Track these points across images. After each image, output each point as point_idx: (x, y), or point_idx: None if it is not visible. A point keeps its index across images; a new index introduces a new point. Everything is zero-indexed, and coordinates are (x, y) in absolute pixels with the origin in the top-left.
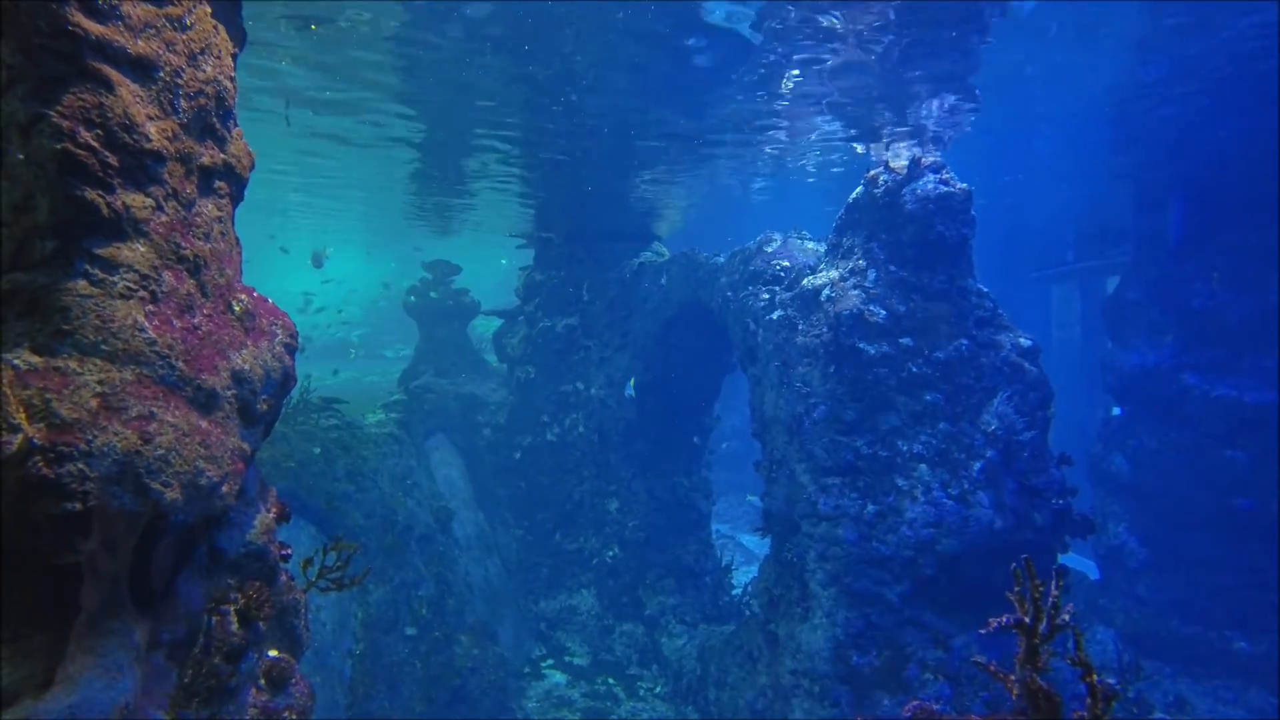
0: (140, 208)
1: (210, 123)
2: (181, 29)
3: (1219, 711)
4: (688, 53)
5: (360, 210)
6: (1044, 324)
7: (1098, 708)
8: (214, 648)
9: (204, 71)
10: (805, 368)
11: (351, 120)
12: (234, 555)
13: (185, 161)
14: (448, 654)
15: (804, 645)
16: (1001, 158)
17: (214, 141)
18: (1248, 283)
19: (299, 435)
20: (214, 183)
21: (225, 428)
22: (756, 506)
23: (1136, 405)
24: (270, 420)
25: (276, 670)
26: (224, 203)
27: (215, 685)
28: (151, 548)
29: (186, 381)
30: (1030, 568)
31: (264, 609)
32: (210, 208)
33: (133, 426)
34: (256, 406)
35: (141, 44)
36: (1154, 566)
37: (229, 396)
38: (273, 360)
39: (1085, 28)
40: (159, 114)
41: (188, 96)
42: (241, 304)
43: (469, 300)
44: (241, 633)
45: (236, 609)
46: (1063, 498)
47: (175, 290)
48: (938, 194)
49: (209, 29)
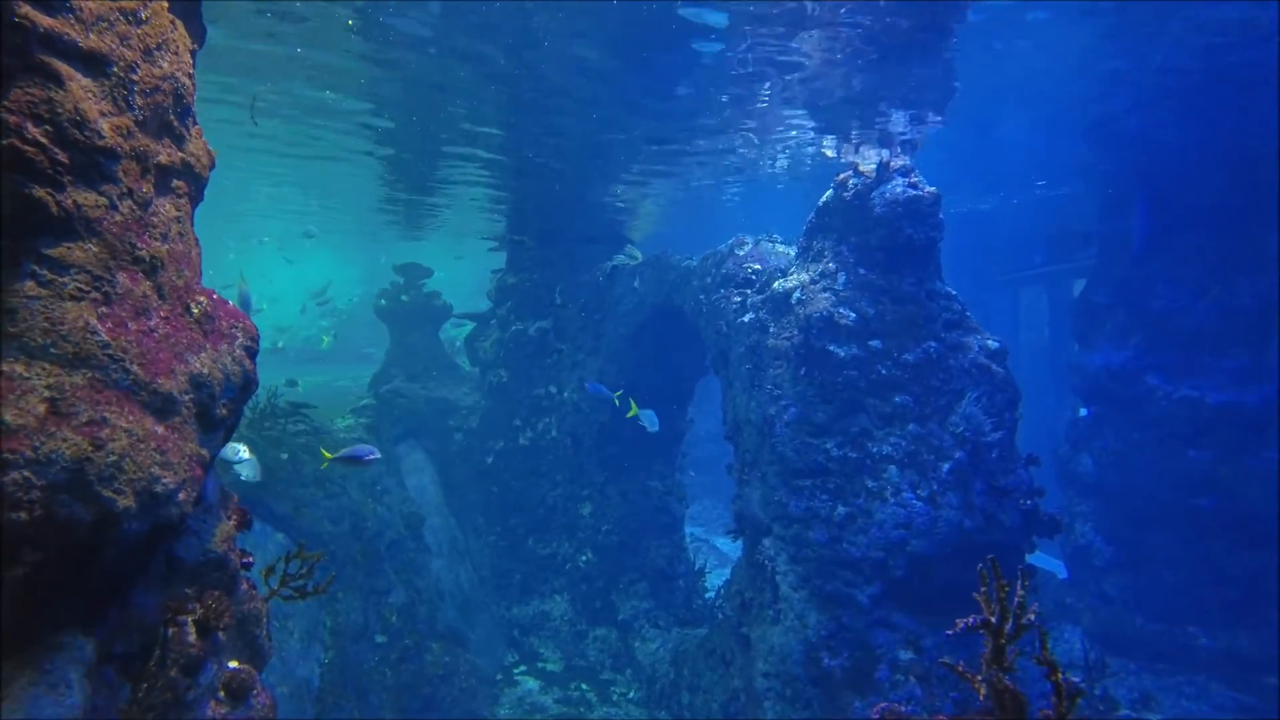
0: (92, 206)
1: (168, 120)
2: (137, 23)
3: (1182, 706)
4: (661, 54)
5: (329, 212)
6: (1012, 326)
7: (1062, 705)
8: (170, 660)
9: (160, 67)
10: (776, 370)
11: (320, 121)
12: (192, 564)
13: (141, 160)
14: (418, 662)
15: (776, 648)
16: (969, 162)
17: (171, 139)
18: (1208, 285)
19: (266, 441)
20: (172, 182)
21: (183, 433)
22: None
23: (1103, 406)
24: (231, 425)
25: (237, 682)
26: (182, 202)
27: (171, 699)
28: (103, 557)
29: (141, 386)
30: (996, 568)
31: (224, 619)
32: (168, 207)
33: (83, 432)
34: (216, 411)
35: (94, 38)
36: (1119, 565)
37: (187, 401)
38: (233, 364)
39: (1048, 40)
40: (113, 110)
41: (143, 93)
42: (200, 306)
43: (440, 303)
44: (200, 644)
45: (195, 619)
46: (1030, 498)
47: (130, 292)
48: (906, 197)
49: (166, 24)
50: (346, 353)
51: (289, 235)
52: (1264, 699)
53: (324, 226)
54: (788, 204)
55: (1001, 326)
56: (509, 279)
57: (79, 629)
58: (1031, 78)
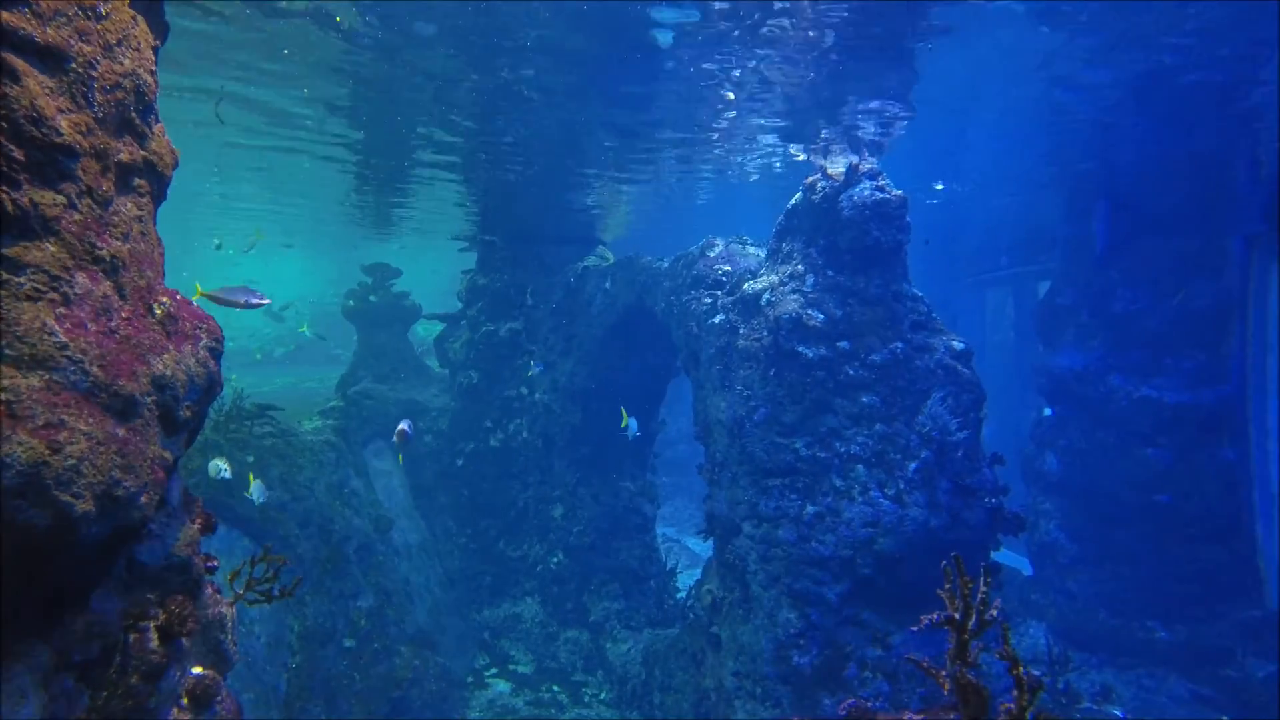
0: (50, 205)
1: (129, 117)
2: (96, 18)
3: (1141, 698)
4: (630, 54)
5: (296, 212)
6: (979, 328)
7: (1024, 698)
8: (131, 667)
9: (121, 64)
10: (746, 371)
11: (286, 119)
12: (155, 569)
13: (101, 158)
14: (388, 665)
15: (746, 646)
16: (937, 165)
17: (133, 137)
18: (1167, 288)
19: (232, 443)
20: (133, 180)
21: (145, 436)
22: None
23: (1067, 406)
24: (195, 427)
25: (200, 688)
26: (144, 201)
27: (132, 706)
28: (61, 563)
29: (102, 388)
30: (959, 565)
31: (187, 624)
32: (129, 206)
33: (40, 436)
34: (179, 413)
35: (51, 32)
36: (1082, 562)
37: (149, 403)
38: (197, 365)
39: (1013, 48)
40: (71, 107)
41: (104, 89)
42: (163, 307)
43: (410, 304)
44: (162, 650)
45: (157, 625)
46: (995, 496)
47: (90, 292)
48: (873, 200)
49: (127, 19)
50: (316, 354)
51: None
52: (1220, 689)
53: (290, 228)
54: (758, 205)
55: (969, 328)
56: (479, 279)
57: (35, 636)
58: (996, 85)
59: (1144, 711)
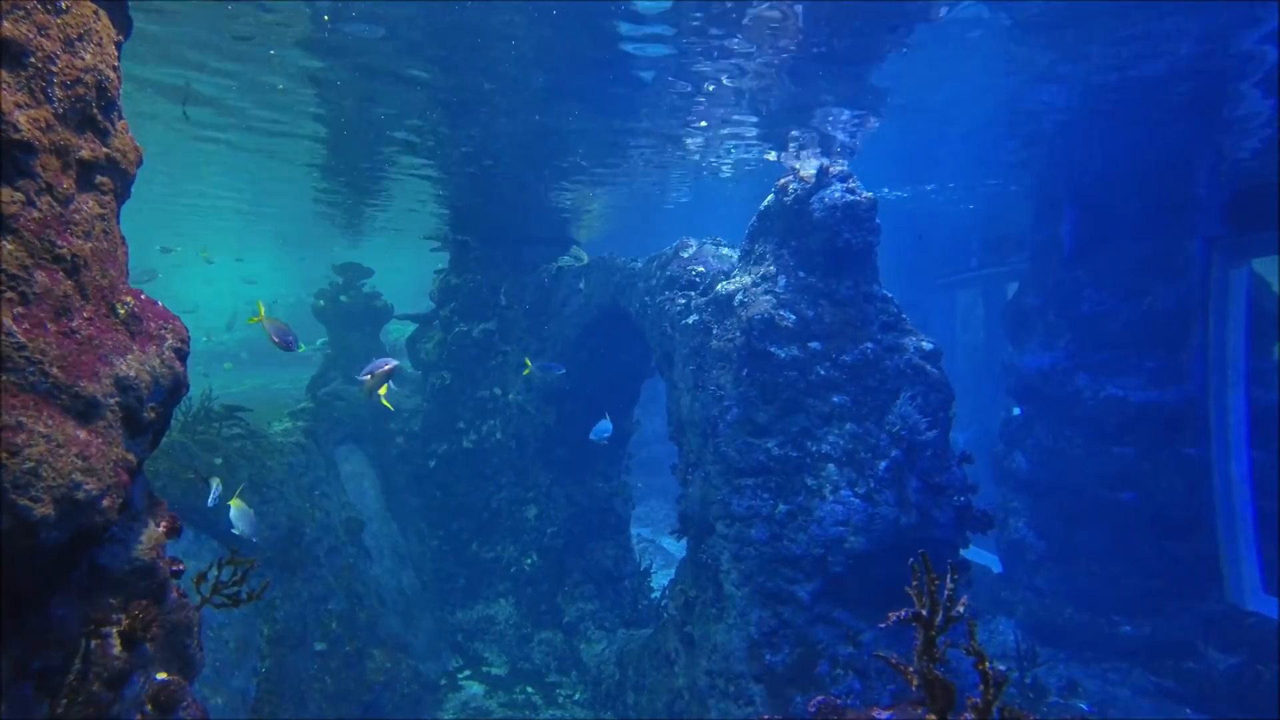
0: (7, 203)
1: (90, 114)
2: (56, 12)
3: (1107, 692)
4: (602, 53)
5: (266, 212)
6: (950, 328)
7: (990, 693)
8: (93, 673)
9: (82, 59)
10: (719, 371)
11: (254, 116)
12: (118, 573)
13: (61, 154)
14: (359, 668)
15: (719, 645)
16: (908, 168)
17: (95, 134)
18: (1132, 289)
19: (199, 445)
20: (95, 178)
21: (107, 438)
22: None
23: (1035, 405)
24: (160, 429)
25: (165, 694)
26: (107, 199)
27: (93, 713)
28: (19, 568)
29: (62, 389)
30: (926, 562)
31: (151, 629)
32: (91, 204)
33: None
34: (143, 415)
35: (9, 26)
36: (1051, 559)
37: (112, 405)
38: (162, 366)
39: (983, 52)
40: (30, 102)
41: (64, 85)
42: (127, 307)
43: (381, 304)
44: (125, 655)
45: (120, 630)
46: (964, 495)
47: (49, 292)
48: (844, 202)
49: (88, 13)
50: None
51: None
52: (1182, 682)
53: (261, 228)
54: (732, 206)
55: (940, 329)
56: (452, 279)
57: None
58: (966, 89)
59: (1108, 705)
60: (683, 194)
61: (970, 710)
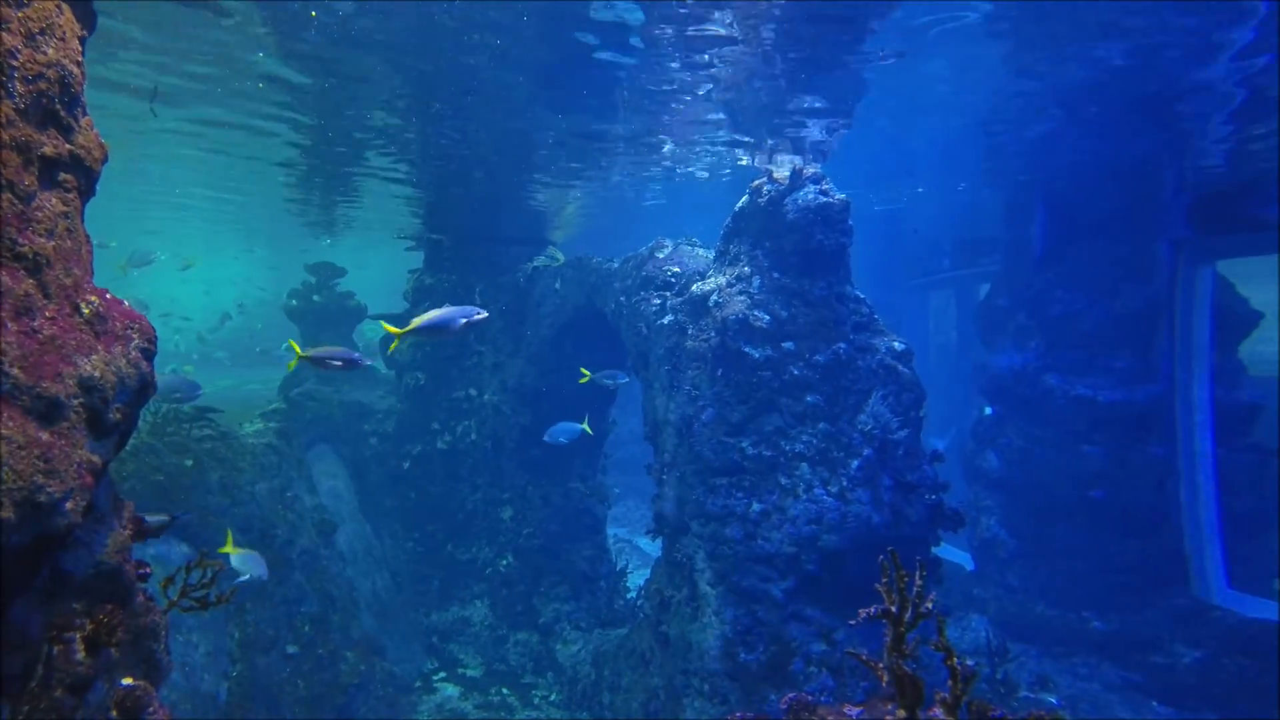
0: None
1: (53, 110)
2: (17, 5)
3: (1076, 686)
4: (577, 52)
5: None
6: (923, 329)
7: (958, 687)
8: (55, 680)
9: (44, 54)
10: (694, 371)
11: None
12: (82, 577)
13: (22, 150)
14: (333, 671)
15: (694, 644)
16: (881, 169)
17: (58, 130)
18: (1101, 291)
19: (169, 447)
20: (58, 175)
21: (71, 439)
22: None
23: (1006, 405)
24: (125, 431)
25: (131, 700)
26: (71, 197)
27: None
28: None
29: (23, 390)
30: (895, 559)
31: (115, 634)
32: (54, 202)
33: None
34: (109, 416)
35: None
36: (1022, 556)
37: (75, 406)
38: (127, 366)
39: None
40: None
41: (25, 80)
42: (91, 306)
43: (355, 304)
44: (88, 661)
45: (84, 636)
46: (935, 493)
47: (10, 291)
48: (817, 204)
49: (50, 8)
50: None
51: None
52: (1149, 676)
53: (234, 227)
54: (708, 207)
55: (913, 330)
56: (426, 279)
57: None
58: (937, 91)
59: (1078, 699)
60: (658, 195)
61: (939, 705)
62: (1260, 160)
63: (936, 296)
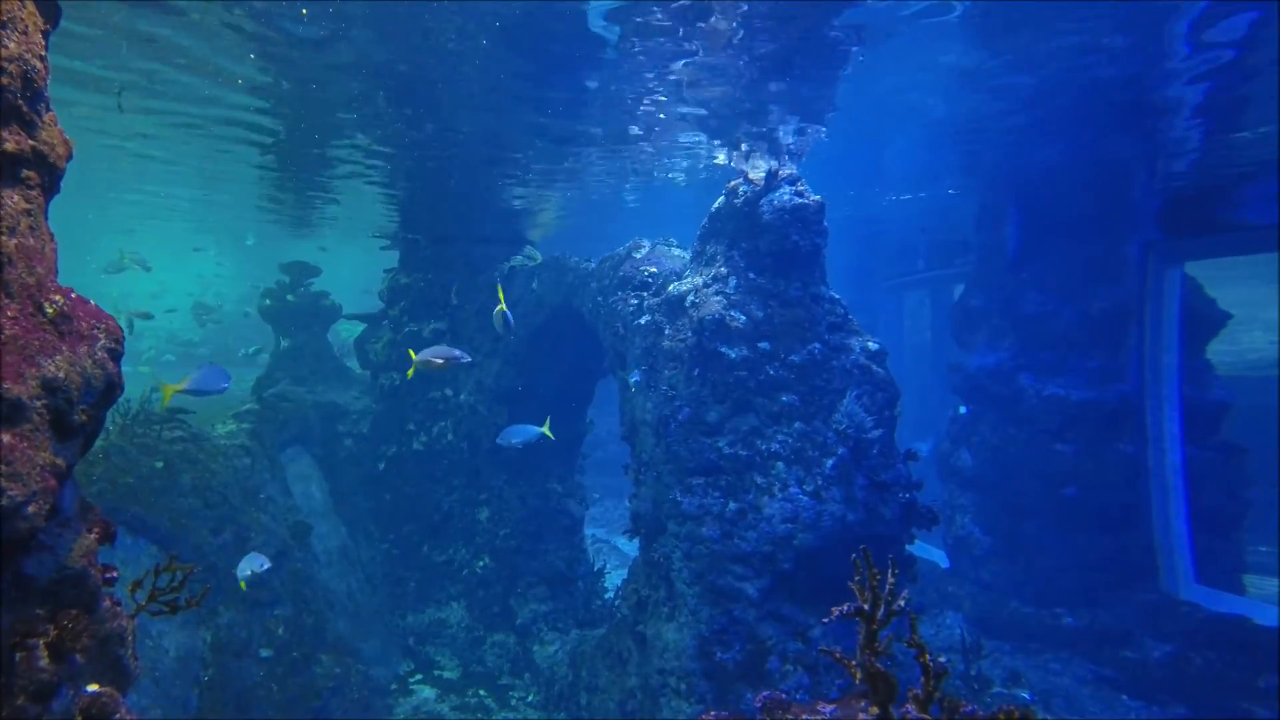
0: None
1: (15, 105)
2: None
3: (1048, 681)
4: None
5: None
6: (898, 329)
7: (930, 684)
8: (18, 687)
9: (6, 48)
10: (671, 371)
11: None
12: (45, 582)
13: None
14: (307, 674)
15: (670, 644)
16: (856, 171)
17: (20, 126)
18: (1074, 291)
19: (139, 448)
20: (21, 172)
21: (33, 441)
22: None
23: (980, 404)
24: (92, 432)
25: (97, 706)
26: (34, 194)
27: None
28: None
29: None
30: (868, 557)
31: (80, 640)
32: (16, 200)
33: None
34: (73, 417)
35: None
36: (996, 554)
37: (39, 407)
38: (93, 367)
39: (926, 60)
40: None
41: None
42: (55, 305)
43: (329, 304)
44: (52, 668)
45: (47, 642)
46: (909, 491)
47: None
48: (793, 205)
49: (13, 1)
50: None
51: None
52: (1120, 670)
53: (205, 225)
54: (685, 208)
55: (887, 329)
56: (402, 278)
57: None
58: (914, 94)
59: (1050, 694)
60: (636, 196)
61: (911, 702)
62: (1227, 166)
63: (911, 297)
